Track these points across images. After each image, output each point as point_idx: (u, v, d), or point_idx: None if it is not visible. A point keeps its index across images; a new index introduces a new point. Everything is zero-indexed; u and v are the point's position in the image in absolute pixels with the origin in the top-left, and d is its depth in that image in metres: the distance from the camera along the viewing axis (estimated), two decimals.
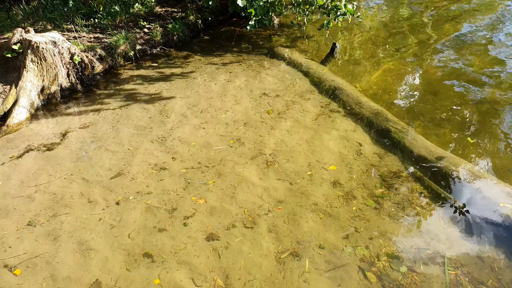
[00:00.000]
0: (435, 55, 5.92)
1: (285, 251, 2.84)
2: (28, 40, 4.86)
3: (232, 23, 7.82)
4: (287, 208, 3.21)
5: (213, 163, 3.77)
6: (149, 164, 3.80)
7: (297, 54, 6.18)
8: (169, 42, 6.80)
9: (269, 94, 5.03)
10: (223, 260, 2.79)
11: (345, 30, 7.21)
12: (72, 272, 2.74)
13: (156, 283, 2.64)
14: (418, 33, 6.82)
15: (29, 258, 2.86)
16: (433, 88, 4.98)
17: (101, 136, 4.28)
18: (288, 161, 3.76)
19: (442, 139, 4.00)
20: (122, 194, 3.44)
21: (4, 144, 4.20)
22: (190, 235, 3.00)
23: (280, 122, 4.39)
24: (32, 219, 3.20)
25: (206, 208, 3.25)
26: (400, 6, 8.45)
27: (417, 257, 2.75)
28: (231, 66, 5.93)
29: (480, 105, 4.53)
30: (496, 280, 2.56)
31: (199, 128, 4.35)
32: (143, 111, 4.77)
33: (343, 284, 2.58)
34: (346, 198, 3.29)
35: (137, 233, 3.04)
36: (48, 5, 6.81)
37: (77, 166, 3.82)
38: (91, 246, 2.94)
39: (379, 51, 6.24)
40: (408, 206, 3.19)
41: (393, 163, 3.68)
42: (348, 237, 2.93)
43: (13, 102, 4.67)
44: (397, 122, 4.16)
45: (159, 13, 7.45)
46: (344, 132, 4.18)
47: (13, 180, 3.65)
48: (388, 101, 4.79)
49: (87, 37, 6.16)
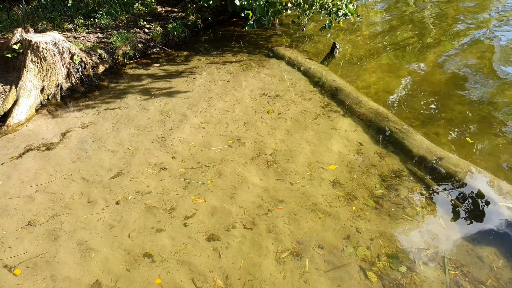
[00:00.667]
0: (436, 55, 5.92)
1: (285, 251, 2.84)
2: (28, 40, 4.86)
3: (232, 23, 7.82)
4: (287, 208, 3.21)
5: (213, 163, 3.77)
6: (149, 164, 3.80)
7: (297, 54, 6.18)
8: (169, 42, 6.80)
9: (269, 94, 5.03)
10: (223, 260, 2.79)
11: (345, 30, 7.21)
12: (72, 272, 2.74)
13: (156, 283, 2.64)
14: (419, 33, 6.82)
15: (29, 258, 2.86)
16: (433, 88, 4.98)
17: (101, 136, 4.28)
18: (288, 161, 3.76)
19: (442, 139, 4.00)
20: (122, 194, 3.44)
21: (4, 144, 4.20)
22: (190, 235, 3.00)
23: (280, 122, 4.39)
24: (32, 219, 3.20)
25: (207, 208, 3.25)
26: (400, 6, 8.45)
27: (417, 257, 2.75)
28: (231, 66, 5.93)
29: (480, 105, 4.53)
30: (495, 280, 2.56)
31: (199, 128, 4.35)
32: (143, 111, 4.77)
33: (343, 284, 2.58)
34: (347, 198, 3.29)
35: (137, 233, 3.04)
36: (48, 5, 6.81)
37: (77, 166, 3.82)
38: (91, 246, 2.94)
39: (379, 50, 6.24)
40: (408, 206, 3.19)
41: (393, 163, 3.68)
42: (349, 237, 2.93)
43: (13, 102, 4.67)
44: (397, 122, 4.16)
45: (159, 13, 7.45)
46: (344, 132, 4.18)
47: (13, 180, 3.65)
48: (388, 101, 4.79)
49: (87, 37, 6.16)
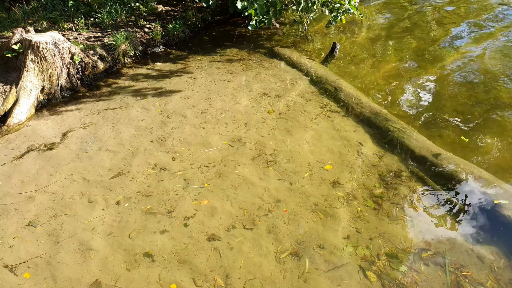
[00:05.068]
0: (437, 55, 5.92)
1: (285, 251, 2.84)
2: (29, 40, 4.86)
3: (232, 23, 7.82)
4: (287, 208, 3.22)
5: (213, 163, 3.77)
6: (149, 164, 3.80)
7: (298, 54, 6.18)
8: (170, 42, 6.80)
9: (269, 94, 5.03)
10: (223, 259, 2.79)
11: (345, 30, 7.21)
12: (72, 272, 2.75)
13: (156, 283, 2.65)
14: (419, 32, 6.82)
15: (29, 258, 2.86)
16: (433, 88, 4.98)
17: (101, 136, 4.29)
18: (288, 161, 3.76)
19: (442, 139, 4.00)
20: (123, 194, 3.44)
21: (4, 144, 4.20)
22: (191, 235, 3.00)
23: (280, 122, 4.39)
24: (33, 219, 3.20)
25: (207, 208, 3.25)
26: (401, 5, 8.45)
27: (417, 257, 2.75)
28: (232, 66, 5.93)
29: (481, 105, 4.52)
30: (495, 281, 2.57)
31: (199, 128, 4.35)
32: (143, 111, 4.77)
33: (343, 283, 2.59)
34: (347, 199, 3.29)
35: (137, 233, 3.04)
36: (48, 5, 6.81)
37: (78, 166, 3.83)
38: (91, 246, 2.94)
39: (379, 50, 6.24)
40: (408, 206, 3.19)
41: (393, 163, 3.68)
42: (349, 237, 2.93)
43: (14, 102, 4.67)
44: (397, 122, 4.16)
45: (160, 13, 7.45)
46: (344, 132, 4.18)
47: (13, 180, 3.65)
48: (388, 101, 4.79)
49: (87, 36, 6.16)
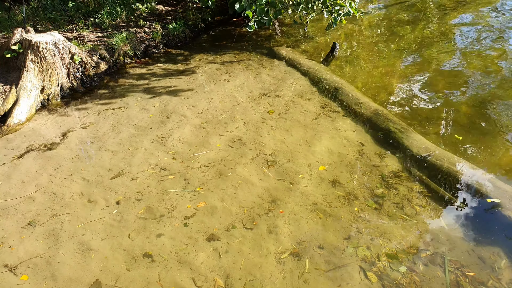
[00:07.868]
0: (437, 55, 5.92)
1: (285, 251, 2.84)
2: (29, 40, 4.86)
3: (232, 23, 7.82)
4: (287, 208, 3.21)
5: (213, 163, 3.77)
6: (149, 164, 3.80)
7: (297, 54, 6.18)
8: (170, 42, 6.80)
9: (269, 94, 5.03)
10: (223, 260, 2.79)
11: (345, 30, 7.21)
12: (72, 272, 2.74)
13: (156, 283, 2.64)
14: (420, 32, 6.82)
15: (29, 258, 2.86)
16: (433, 88, 4.98)
17: (101, 136, 4.28)
18: (288, 161, 3.76)
19: (443, 139, 4.00)
20: (122, 194, 3.44)
21: (4, 144, 4.20)
22: (191, 235, 3.00)
23: (280, 122, 4.39)
24: (33, 219, 3.20)
25: (207, 208, 3.25)
26: (401, 5, 8.45)
27: (417, 257, 2.75)
28: (232, 66, 5.93)
29: (481, 105, 4.52)
30: (497, 280, 2.56)
31: (199, 128, 4.35)
32: (143, 111, 4.77)
33: (344, 284, 2.58)
34: (347, 198, 3.29)
35: (137, 233, 3.04)
36: (48, 5, 6.81)
37: (78, 166, 3.83)
38: (91, 246, 2.94)
39: (379, 51, 6.24)
40: (408, 206, 3.19)
41: (393, 163, 3.68)
42: (350, 237, 2.93)
43: (13, 102, 4.67)
44: (397, 122, 4.16)
45: (160, 13, 7.45)
46: (344, 132, 4.18)
47: (13, 180, 3.65)
48: (388, 101, 4.79)
49: (87, 37, 6.16)
